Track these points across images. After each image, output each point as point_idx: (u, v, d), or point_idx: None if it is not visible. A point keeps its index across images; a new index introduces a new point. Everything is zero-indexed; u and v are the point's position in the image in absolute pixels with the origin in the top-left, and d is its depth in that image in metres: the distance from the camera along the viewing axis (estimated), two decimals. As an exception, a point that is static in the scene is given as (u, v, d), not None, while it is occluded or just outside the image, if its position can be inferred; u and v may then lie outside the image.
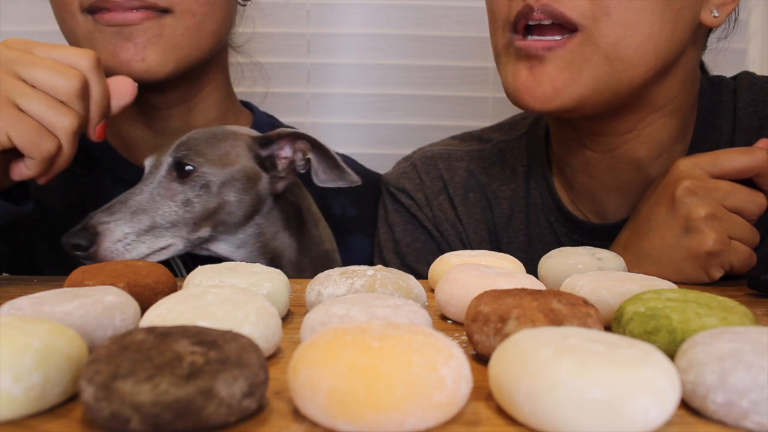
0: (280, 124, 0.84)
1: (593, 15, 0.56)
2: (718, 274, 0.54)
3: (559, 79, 0.58)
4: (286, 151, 0.62)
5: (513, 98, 0.62)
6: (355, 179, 0.61)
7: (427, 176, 0.76)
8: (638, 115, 0.64)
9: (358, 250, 0.78)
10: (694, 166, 0.54)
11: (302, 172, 0.62)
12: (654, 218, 0.56)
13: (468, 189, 0.74)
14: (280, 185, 0.63)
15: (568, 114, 0.61)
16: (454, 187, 0.75)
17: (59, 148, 0.51)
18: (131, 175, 0.74)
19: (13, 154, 0.51)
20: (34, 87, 0.50)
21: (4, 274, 0.67)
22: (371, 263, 0.78)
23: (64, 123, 0.50)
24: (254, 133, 0.63)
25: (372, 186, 0.81)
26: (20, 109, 0.49)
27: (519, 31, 0.60)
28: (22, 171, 0.52)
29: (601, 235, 0.68)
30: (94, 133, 0.55)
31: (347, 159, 0.84)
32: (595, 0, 0.56)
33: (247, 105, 0.84)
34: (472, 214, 0.74)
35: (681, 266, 0.54)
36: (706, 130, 0.67)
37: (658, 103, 0.64)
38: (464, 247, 0.74)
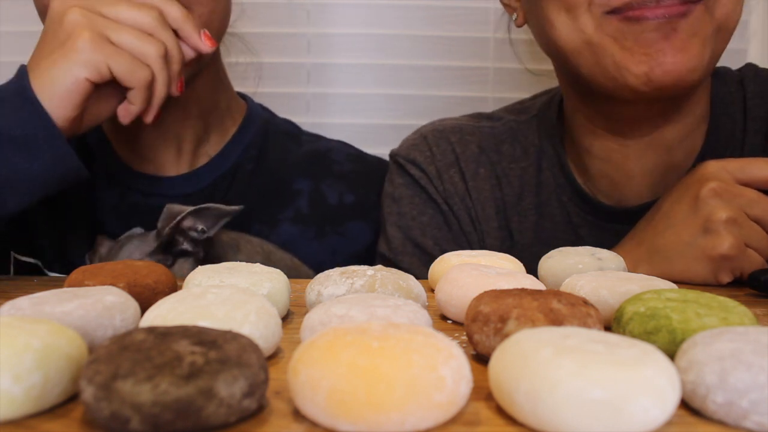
0: (272, 118, 0.84)
1: None
2: (726, 278, 0.53)
3: (695, 46, 0.56)
4: (183, 239, 0.63)
5: (643, 71, 0.57)
6: (233, 209, 0.62)
7: (438, 149, 0.75)
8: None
9: (356, 236, 0.78)
10: (722, 170, 0.54)
11: (206, 236, 0.63)
12: (674, 215, 0.56)
13: (479, 164, 0.74)
14: (201, 254, 0.64)
15: (690, 88, 0.59)
16: (466, 161, 0.74)
17: (152, 75, 0.56)
18: (123, 175, 0.75)
19: (110, 94, 0.57)
20: (119, 22, 0.55)
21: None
22: (370, 249, 0.79)
23: (151, 50, 0.56)
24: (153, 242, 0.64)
25: (369, 171, 0.82)
26: (113, 43, 0.55)
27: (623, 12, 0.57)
28: (129, 109, 0.58)
29: (616, 218, 0.68)
30: (203, 41, 0.60)
31: (343, 144, 0.85)
32: None
33: (243, 96, 0.84)
34: (481, 190, 0.73)
35: (691, 265, 0.54)
36: (721, 119, 0.67)
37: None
38: (472, 223, 0.73)
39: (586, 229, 0.70)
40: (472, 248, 0.72)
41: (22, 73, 0.56)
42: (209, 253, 0.66)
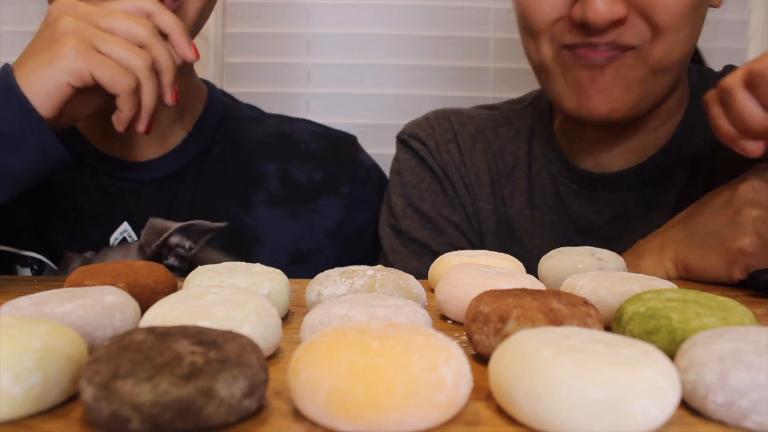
0: (234, 104, 0.84)
1: (649, 36, 0.62)
2: (738, 275, 0.53)
3: (617, 89, 0.64)
4: (171, 255, 0.65)
5: (573, 106, 0.66)
6: (217, 225, 0.65)
7: (439, 127, 0.83)
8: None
9: (328, 212, 0.80)
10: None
11: (193, 252, 0.65)
12: (710, 203, 0.57)
13: (476, 141, 0.81)
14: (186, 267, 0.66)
15: (618, 122, 0.66)
16: (463, 137, 0.81)
17: (138, 84, 0.57)
18: (91, 158, 0.74)
19: (88, 98, 0.58)
20: (112, 34, 0.56)
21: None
22: (341, 224, 0.80)
23: (138, 61, 0.56)
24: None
25: (335, 146, 0.84)
26: (100, 52, 0.56)
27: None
28: (119, 116, 0.58)
29: (600, 185, 0.73)
30: (188, 53, 0.61)
31: (307, 123, 0.86)
32: (650, 25, 0.61)
33: (205, 82, 0.84)
34: (476, 162, 0.80)
35: (708, 254, 0.54)
36: (698, 107, 0.70)
37: (674, 86, 0.69)
38: (466, 188, 0.79)
39: (571, 197, 0.74)
40: (465, 210, 0.78)
41: (7, 71, 0.56)
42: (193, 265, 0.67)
